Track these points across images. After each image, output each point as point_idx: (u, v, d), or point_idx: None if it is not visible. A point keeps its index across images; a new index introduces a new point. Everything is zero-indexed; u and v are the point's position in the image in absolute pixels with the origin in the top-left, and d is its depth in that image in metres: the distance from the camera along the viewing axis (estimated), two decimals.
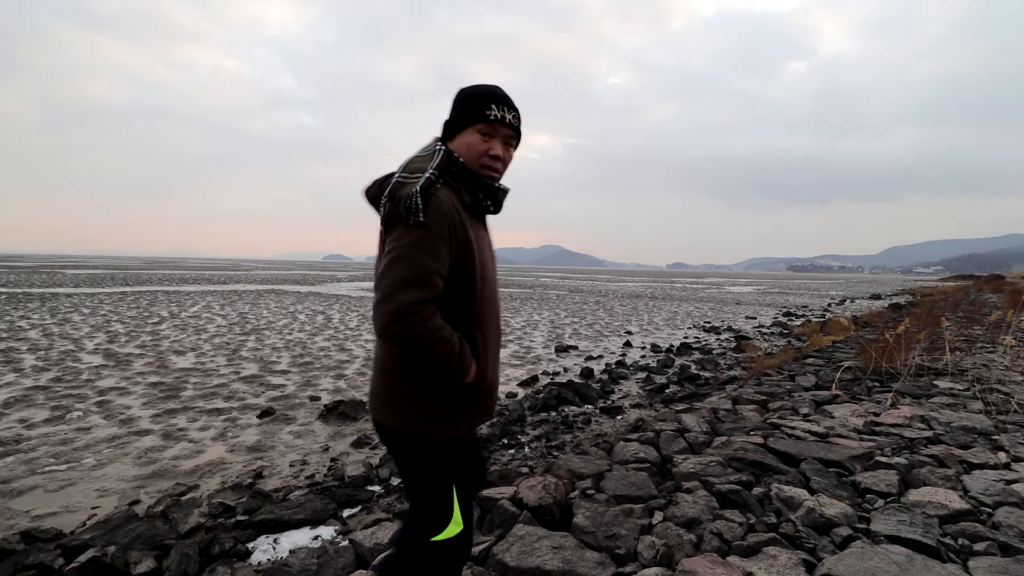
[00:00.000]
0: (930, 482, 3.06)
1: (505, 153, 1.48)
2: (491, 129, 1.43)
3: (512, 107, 1.46)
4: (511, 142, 1.50)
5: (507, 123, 1.44)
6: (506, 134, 1.46)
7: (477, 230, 1.45)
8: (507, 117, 1.44)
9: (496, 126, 1.43)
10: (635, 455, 3.62)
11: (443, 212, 1.33)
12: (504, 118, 1.43)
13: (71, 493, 3.75)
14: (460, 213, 1.39)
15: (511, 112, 1.45)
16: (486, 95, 1.43)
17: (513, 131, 1.47)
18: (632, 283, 53.44)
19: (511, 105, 1.46)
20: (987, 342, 9.04)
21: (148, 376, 7.27)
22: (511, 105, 1.46)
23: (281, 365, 8.34)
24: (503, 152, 1.47)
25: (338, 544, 2.84)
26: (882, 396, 5.22)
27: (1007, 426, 4.21)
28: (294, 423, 5.48)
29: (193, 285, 29.58)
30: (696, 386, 7.32)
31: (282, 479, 4.08)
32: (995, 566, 2.18)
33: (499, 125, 1.43)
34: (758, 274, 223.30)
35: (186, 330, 11.78)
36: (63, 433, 4.92)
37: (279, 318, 14.69)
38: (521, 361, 9.32)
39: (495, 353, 1.53)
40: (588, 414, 5.93)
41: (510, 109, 1.45)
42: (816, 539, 2.45)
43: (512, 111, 1.45)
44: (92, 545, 2.81)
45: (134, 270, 51.36)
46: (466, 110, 1.43)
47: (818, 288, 50.23)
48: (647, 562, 2.33)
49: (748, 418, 4.55)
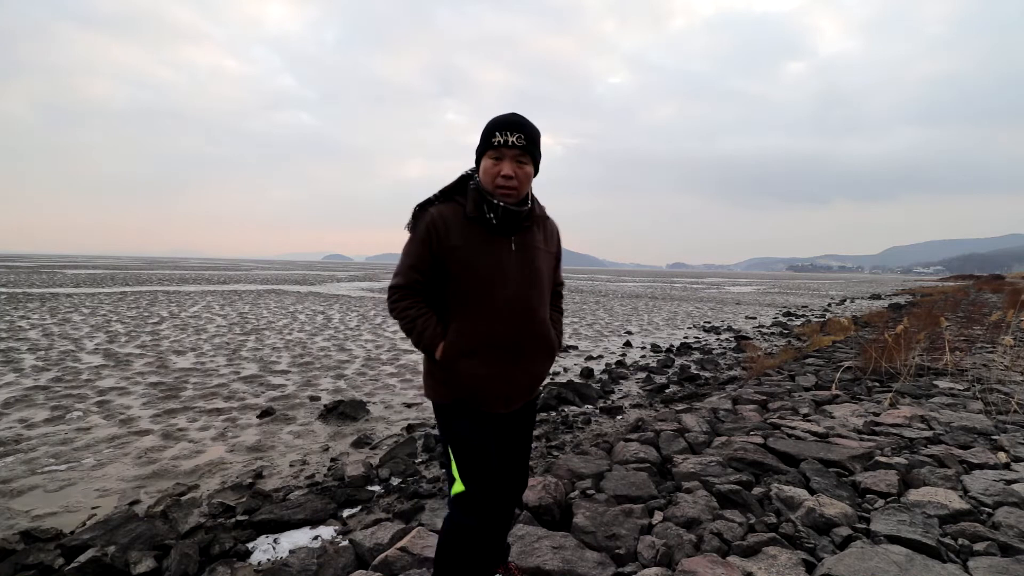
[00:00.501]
0: (930, 482, 3.06)
1: (518, 170, 1.69)
2: (498, 153, 1.68)
3: (516, 130, 1.66)
4: (522, 160, 1.69)
5: (511, 145, 1.66)
6: (514, 155, 1.68)
7: (477, 238, 1.71)
8: (510, 140, 1.65)
9: (502, 150, 1.67)
10: (635, 455, 3.62)
11: (427, 224, 1.71)
12: (508, 141, 1.65)
13: (71, 493, 3.74)
14: (453, 225, 1.70)
15: (514, 135, 1.66)
16: (493, 125, 1.68)
17: (520, 150, 1.67)
18: (632, 283, 53.45)
19: (515, 128, 1.66)
20: (987, 342, 9.05)
21: (148, 376, 7.27)
22: (515, 128, 1.66)
23: (281, 365, 8.34)
24: (515, 170, 1.68)
25: (338, 544, 2.84)
26: (882, 396, 5.22)
27: (1007, 426, 4.21)
28: (294, 423, 5.48)
29: (193, 285, 29.58)
30: (696, 386, 7.32)
31: (282, 479, 4.08)
32: (995, 566, 2.19)
33: (504, 148, 1.67)
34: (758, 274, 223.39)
35: (186, 330, 11.78)
36: (63, 433, 4.92)
37: (279, 318, 14.69)
38: None
39: (483, 345, 1.72)
40: (588, 414, 5.93)
41: (513, 132, 1.66)
42: (816, 539, 2.45)
43: (516, 133, 1.66)
44: (92, 545, 2.81)
45: (134, 270, 51.37)
46: (482, 141, 1.72)
47: (818, 288, 50.24)
48: (647, 562, 2.33)
49: (748, 418, 4.55)
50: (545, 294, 1.85)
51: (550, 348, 1.86)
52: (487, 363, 1.73)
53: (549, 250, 1.89)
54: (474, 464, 1.75)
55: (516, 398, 1.81)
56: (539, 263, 1.81)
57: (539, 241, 1.83)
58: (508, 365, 1.75)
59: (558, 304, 2.06)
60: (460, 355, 1.72)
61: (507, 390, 1.78)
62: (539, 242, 1.83)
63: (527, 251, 1.78)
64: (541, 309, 1.82)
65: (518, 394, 1.81)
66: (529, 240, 1.79)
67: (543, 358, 1.84)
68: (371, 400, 6.32)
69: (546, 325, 1.84)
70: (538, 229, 1.85)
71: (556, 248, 1.96)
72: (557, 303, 2.05)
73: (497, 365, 1.73)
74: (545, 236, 1.88)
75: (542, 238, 1.85)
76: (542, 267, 1.82)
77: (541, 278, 1.81)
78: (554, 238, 1.94)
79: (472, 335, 1.72)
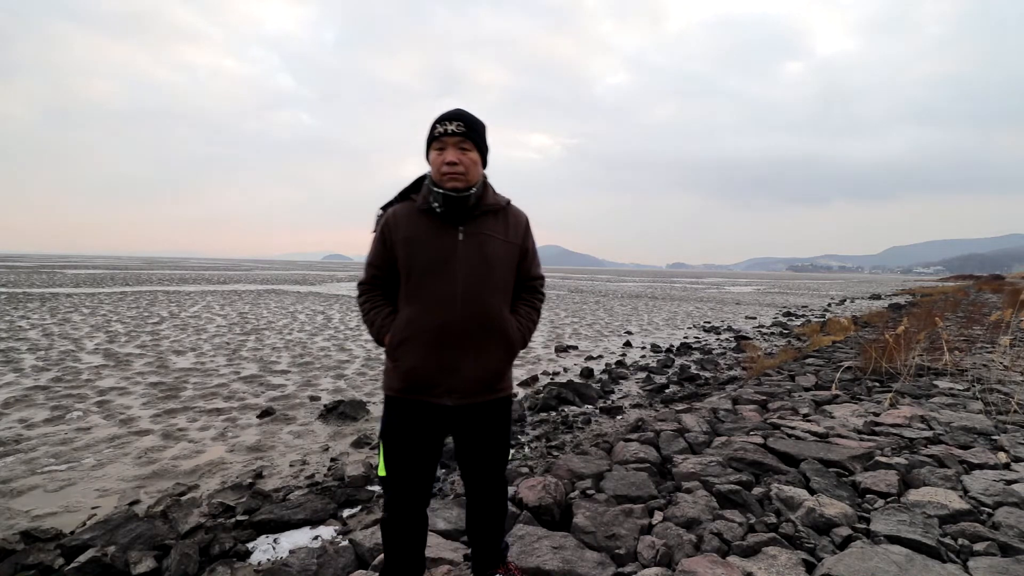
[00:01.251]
0: (930, 482, 3.06)
1: (462, 156, 1.72)
2: (441, 144, 1.73)
3: (455, 119, 1.72)
4: (464, 147, 1.73)
5: (450, 133, 1.71)
6: (455, 142, 1.72)
7: (424, 229, 1.76)
8: (449, 128, 1.71)
9: (443, 139, 1.72)
10: (635, 455, 3.62)
11: (383, 223, 1.82)
12: (447, 130, 1.71)
13: (71, 493, 3.75)
14: (403, 219, 1.78)
15: (453, 123, 1.71)
16: (435, 120, 1.74)
17: (461, 137, 1.71)
18: (632, 283, 53.45)
19: (453, 118, 1.72)
20: (987, 342, 9.05)
21: (148, 376, 7.27)
22: (453, 118, 1.72)
23: (281, 365, 8.34)
24: (458, 156, 1.71)
25: (338, 544, 2.84)
26: (882, 396, 5.22)
27: (1007, 426, 4.21)
28: (294, 423, 5.48)
29: (193, 285, 29.58)
30: (696, 386, 7.32)
31: (282, 479, 4.08)
32: (995, 566, 2.19)
33: (445, 137, 1.72)
34: (758, 274, 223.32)
35: (186, 330, 11.78)
36: (63, 433, 4.92)
37: (279, 318, 14.69)
38: (521, 361, 9.31)
39: (424, 333, 1.75)
40: (588, 414, 5.93)
41: (452, 121, 1.71)
42: (816, 539, 2.45)
43: (455, 122, 1.71)
44: (92, 545, 2.81)
45: (134, 270, 51.36)
46: (428, 136, 1.76)
47: (818, 288, 50.24)
48: (647, 562, 2.33)
49: (748, 418, 4.55)
50: (500, 285, 1.82)
51: (505, 341, 1.81)
52: (428, 352, 1.73)
53: (510, 241, 1.84)
54: (391, 455, 1.81)
55: (465, 392, 1.77)
56: (492, 252, 1.78)
57: (494, 231, 1.80)
58: (452, 355, 1.74)
59: (531, 299, 1.99)
60: (402, 343, 1.76)
61: (451, 381, 1.75)
62: (494, 231, 1.80)
63: (477, 240, 1.76)
64: (493, 300, 1.78)
65: (467, 387, 1.77)
66: (481, 229, 1.77)
67: (495, 350, 1.80)
68: (371, 400, 6.32)
69: (500, 317, 1.80)
70: (495, 219, 1.82)
71: (522, 240, 1.89)
72: (531, 298, 1.99)
73: (439, 354, 1.73)
74: (506, 226, 1.84)
75: (500, 229, 1.82)
76: (496, 257, 1.79)
77: (494, 268, 1.78)
78: (519, 229, 1.88)
79: (415, 324, 1.75)
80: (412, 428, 1.80)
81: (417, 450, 1.81)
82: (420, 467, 1.83)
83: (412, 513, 1.88)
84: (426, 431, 1.80)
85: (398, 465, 1.82)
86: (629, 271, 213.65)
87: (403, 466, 1.82)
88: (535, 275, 1.99)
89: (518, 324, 1.89)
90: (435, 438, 1.84)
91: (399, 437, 1.81)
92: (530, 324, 1.95)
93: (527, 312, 1.95)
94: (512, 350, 1.85)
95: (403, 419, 1.80)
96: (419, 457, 1.82)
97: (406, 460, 1.81)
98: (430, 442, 1.83)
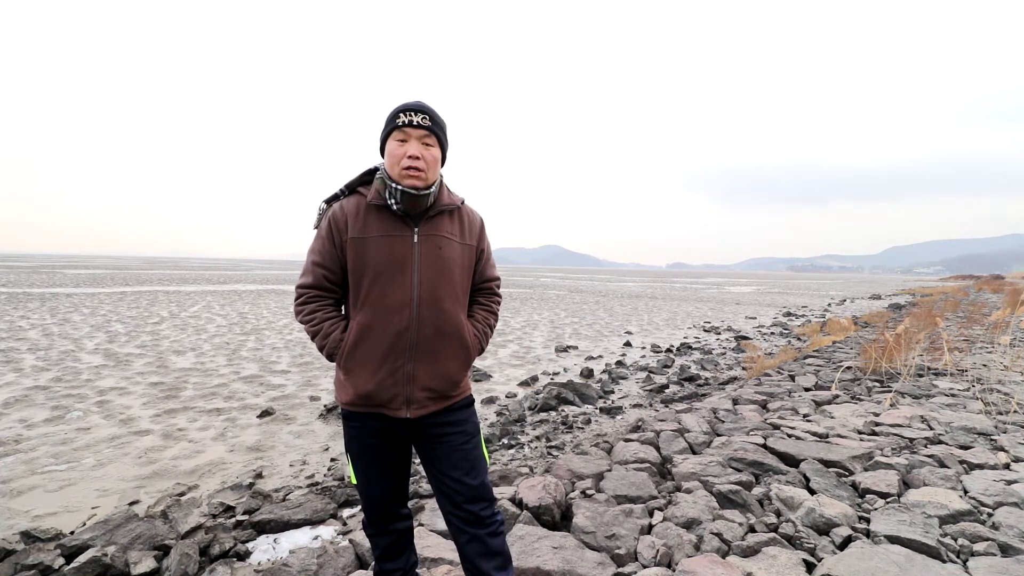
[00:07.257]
0: (930, 482, 3.07)
1: (425, 152, 1.64)
2: (403, 135, 1.64)
3: (420, 111, 1.64)
4: (428, 142, 1.66)
5: (416, 125, 1.63)
6: (420, 135, 1.64)
7: (377, 228, 1.66)
8: (415, 120, 1.62)
9: (407, 130, 1.63)
10: (635, 455, 3.62)
11: (329, 219, 1.69)
12: (413, 121, 1.62)
13: (71, 493, 3.75)
14: (353, 217, 1.67)
15: (419, 115, 1.63)
16: (397, 108, 1.64)
17: (426, 131, 1.64)
18: (632, 283, 53.44)
19: (418, 109, 1.64)
20: (987, 342, 9.05)
21: (148, 376, 7.27)
22: (418, 109, 1.64)
23: (281, 365, 8.34)
24: (421, 152, 1.63)
25: (338, 544, 2.84)
26: (882, 396, 5.22)
27: (1007, 426, 4.21)
28: (294, 423, 5.48)
29: (193, 285, 29.58)
30: (696, 386, 7.32)
31: (282, 479, 4.08)
32: (995, 566, 2.19)
33: (410, 128, 1.63)
34: (758, 274, 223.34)
35: (186, 330, 11.78)
36: (63, 433, 4.92)
37: (279, 318, 14.68)
38: (521, 361, 9.32)
39: (377, 340, 1.66)
40: (588, 414, 5.93)
41: (417, 112, 1.63)
42: (816, 539, 2.45)
43: (421, 114, 1.63)
44: (92, 545, 2.81)
45: (134, 270, 51.36)
46: (386, 125, 1.67)
47: (818, 288, 50.23)
48: (647, 562, 2.33)
49: (748, 418, 4.55)
50: (457, 290, 1.75)
51: (461, 346, 1.74)
52: (383, 362, 1.66)
53: (466, 242, 1.78)
54: (358, 467, 1.80)
55: (421, 400, 1.70)
56: (448, 255, 1.71)
57: (450, 232, 1.74)
58: (406, 362, 1.66)
59: (488, 302, 1.92)
60: (355, 354, 1.66)
61: (406, 390, 1.67)
62: (450, 233, 1.74)
63: (433, 241, 1.69)
64: (448, 303, 1.71)
65: (423, 396, 1.70)
66: (436, 230, 1.71)
67: (451, 356, 1.72)
68: None
69: (456, 321, 1.72)
70: (450, 220, 1.75)
71: (477, 241, 1.83)
72: (487, 301, 1.92)
73: (395, 365, 1.66)
74: (461, 227, 1.78)
75: (456, 230, 1.76)
76: (452, 259, 1.72)
77: (450, 271, 1.71)
78: (474, 230, 1.82)
79: (368, 332, 1.65)
80: (374, 441, 1.75)
81: (383, 461, 1.79)
82: (389, 476, 1.82)
83: (388, 515, 1.88)
84: (388, 443, 1.77)
85: (367, 475, 1.80)
86: (629, 271, 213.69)
87: (371, 476, 1.81)
88: (491, 276, 1.94)
89: (475, 331, 1.83)
90: (400, 448, 1.80)
91: (362, 450, 1.77)
92: (487, 329, 1.89)
93: (484, 317, 1.89)
94: (469, 358, 1.78)
95: (363, 433, 1.75)
96: (386, 467, 1.81)
97: (373, 471, 1.80)
98: (395, 452, 1.80)
